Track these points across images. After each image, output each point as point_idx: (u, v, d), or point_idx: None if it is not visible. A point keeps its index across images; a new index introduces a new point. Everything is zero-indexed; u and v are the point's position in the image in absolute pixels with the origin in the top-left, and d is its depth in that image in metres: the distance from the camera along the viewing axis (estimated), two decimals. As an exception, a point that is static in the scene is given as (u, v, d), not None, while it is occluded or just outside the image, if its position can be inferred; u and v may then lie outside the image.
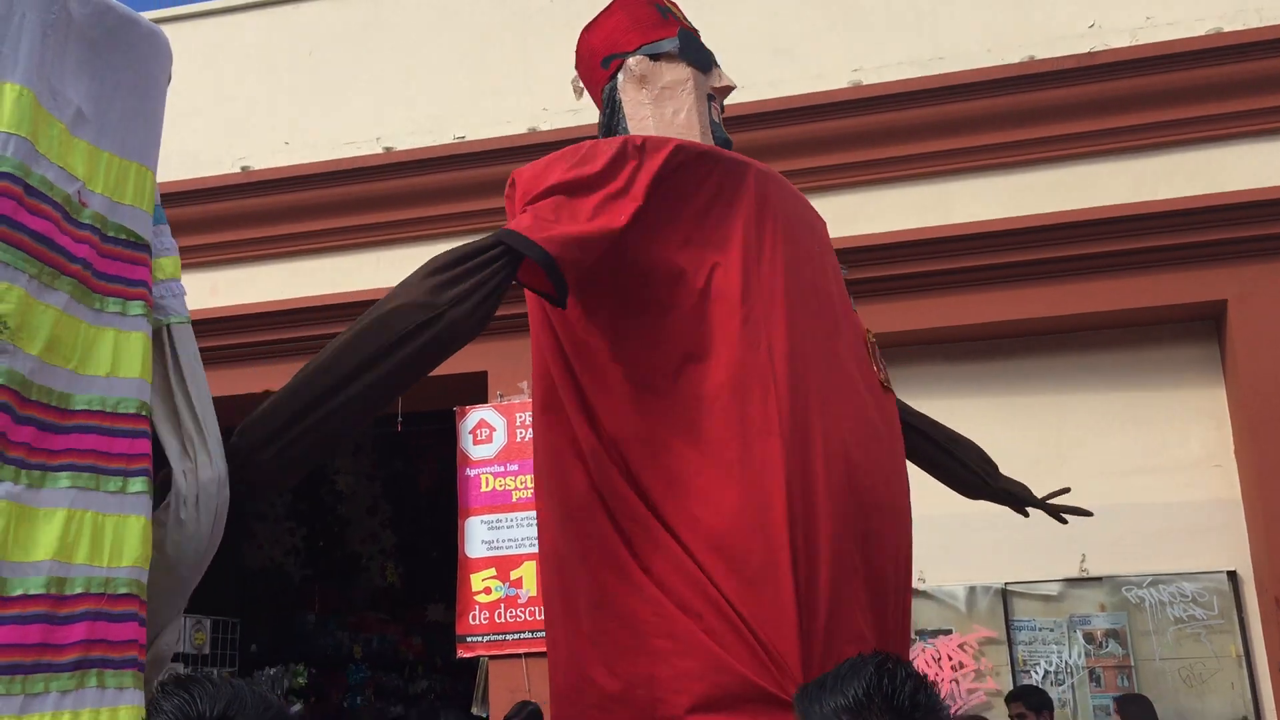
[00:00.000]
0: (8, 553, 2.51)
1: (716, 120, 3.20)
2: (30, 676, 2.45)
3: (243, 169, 8.40)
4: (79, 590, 2.59)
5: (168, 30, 8.66)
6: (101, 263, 2.84)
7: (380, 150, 8.23)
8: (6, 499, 2.50)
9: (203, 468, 3.17)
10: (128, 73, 3.08)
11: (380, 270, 8.07)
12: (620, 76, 3.14)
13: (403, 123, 8.26)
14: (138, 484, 2.76)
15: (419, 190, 8.03)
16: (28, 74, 2.73)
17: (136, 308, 2.91)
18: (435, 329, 2.54)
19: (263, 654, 10.72)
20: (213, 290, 8.22)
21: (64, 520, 2.63)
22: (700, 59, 3.21)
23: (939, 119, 7.34)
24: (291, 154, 8.33)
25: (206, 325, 8.00)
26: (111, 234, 2.90)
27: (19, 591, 2.48)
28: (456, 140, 8.07)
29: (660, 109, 3.07)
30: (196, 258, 8.31)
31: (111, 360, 2.83)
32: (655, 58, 3.12)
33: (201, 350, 8.16)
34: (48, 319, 2.64)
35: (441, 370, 8.25)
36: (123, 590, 2.70)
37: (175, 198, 8.19)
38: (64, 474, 2.67)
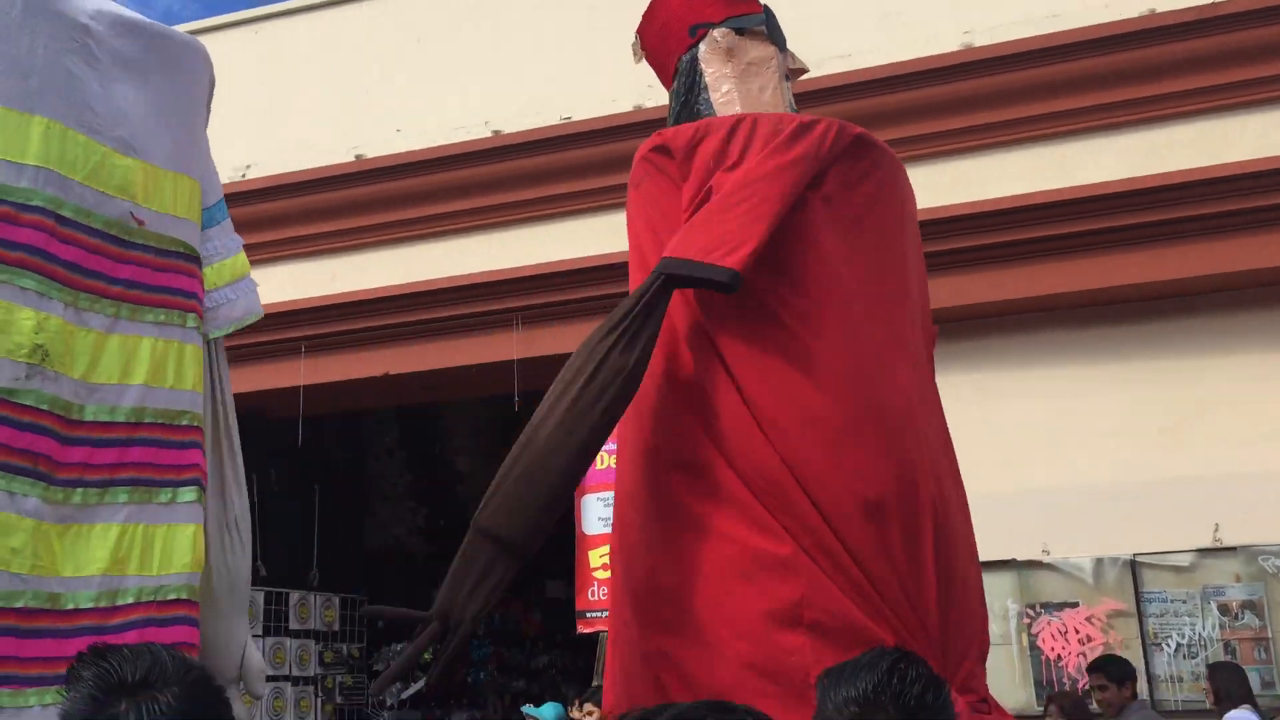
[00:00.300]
0: (57, 569, 2.69)
1: (792, 101, 3.20)
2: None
3: (356, 157, 8.57)
4: (130, 600, 2.79)
5: (279, 26, 8.94)
6: (157, 277, 3.00)
7: (489, 134, 8.32)
8: (59, 521, 2.70)
9: (242, 496, 3.29)
10: (171, 86, 3.18)
11: (492, 252, 8.17)
12: (703, 47, 3.14)
13: (510, 105, 8.33)
14: (188, 494, 2.95)
15: (528, 172, 8.10)
16: (55, 105, 2.84)
17: (192, 320, 3.09)
18: (628, 386, 2.66)
19: (389, 630, 11.00)
20: (332, 277, 8.42)
21: (118, 534, 2.80)
22: (780, 38, 3.22)
23: (1055, 79, 7.12)
24: (404, 140, 8.48)
25: (327, 311, 8.19)
26: (168, 248, 3.05)
27: (70, 606, 2.67)
28: (563, 120, 8.11)
29: (746, 84, 3.08)
30: (315, 246, 8.52)
31: (174, 372, 3.00)
32: (740, 32, 3.12)
33: (323, 336, 8.43)
34: (88, 343, 2.82)
35: (555, 349, 8.33)
36: (171, 596, 2.89)
37: (293, 188, 8.41)
38: (123, 489, 2.84)
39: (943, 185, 7.08)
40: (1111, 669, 5.88)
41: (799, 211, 2.77)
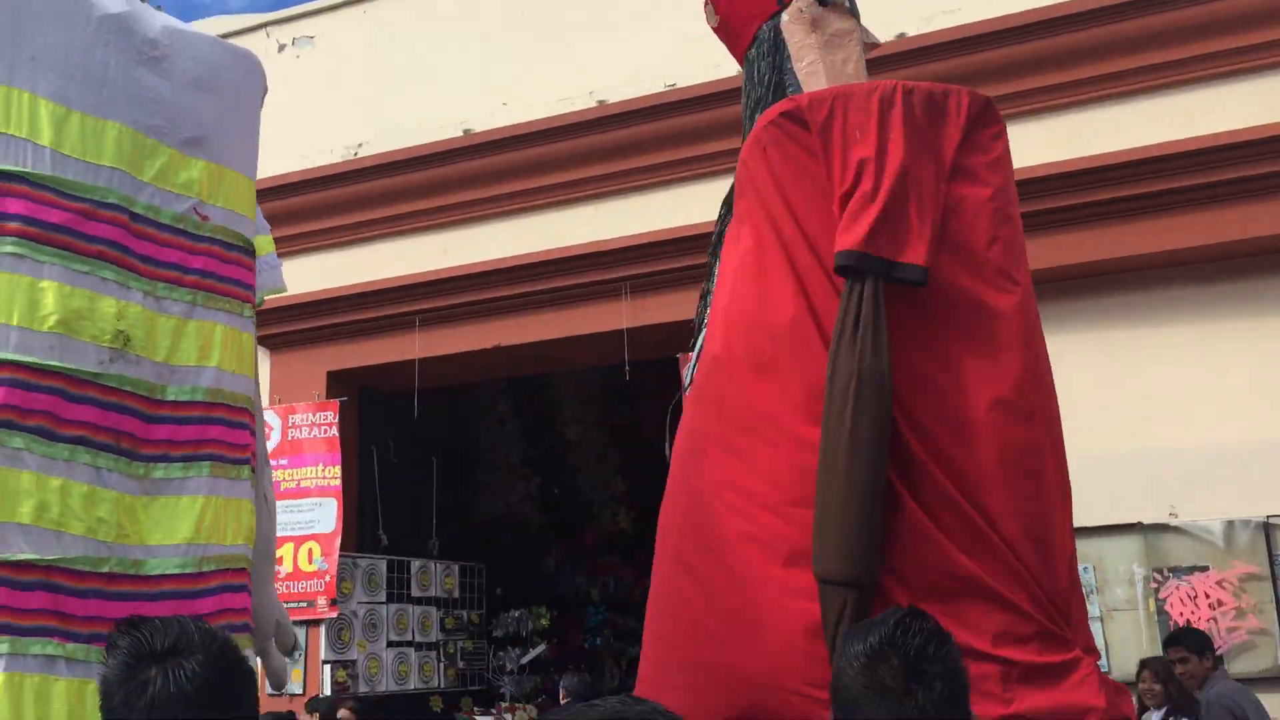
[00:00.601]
0: (142, 537, 2.93)
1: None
2: None
3: (464, 132, 8.66)
4: (213, 567, 3.04)
5: (385, 5, 9.04)
6: (225, 269, 3.29)
7: (594, 104, 8.33)
8: (142, 493, 2.96)
9: (269, 470, 3.61)
10: (232, 93, 3.48)
11: (600, 221, 8.20)
12: (786, 16, 3.19)
13: (613, 75, 8.32)
14: (246, 471, 3.23)
15: (633, 140, 8.09)
16: (127, 112, 3.12)
17: (249, 311, 3.37)
18: (884, 393, 2.64)
19: (507, 597, 11.19)
20: (443, 251, 8.55)
21: (203, 506, 3.06)
22: (858, 13, 3.26)
23: (1175, 25, 6.85)
24: (510, 114, 8.54)
25: (439, 285, 8.31)
26: (232, 242, 3.35)
27: (156, 572, 2.93)
28: (667, 88, 8.08)
29: (830, 55, 3.12)
30: (426, 221, 8.65)
31: (239, 358, 3.26)
32: (824, 4, 3.17)
33: (436, 310, 8.58)
34: (169, 328, 3.09)
35: (664, 318, 8.31)
36: (241, 565, 3.17)
37: (403, 165, 8.53)
38: (206, 463, 3.11)
39: (1059, 140, 6.88)
40: (1190, 641, 5.85)
41: (948, 185, 2.80)
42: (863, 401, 2.57)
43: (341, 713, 7.46)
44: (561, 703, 8.48)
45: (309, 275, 8.71)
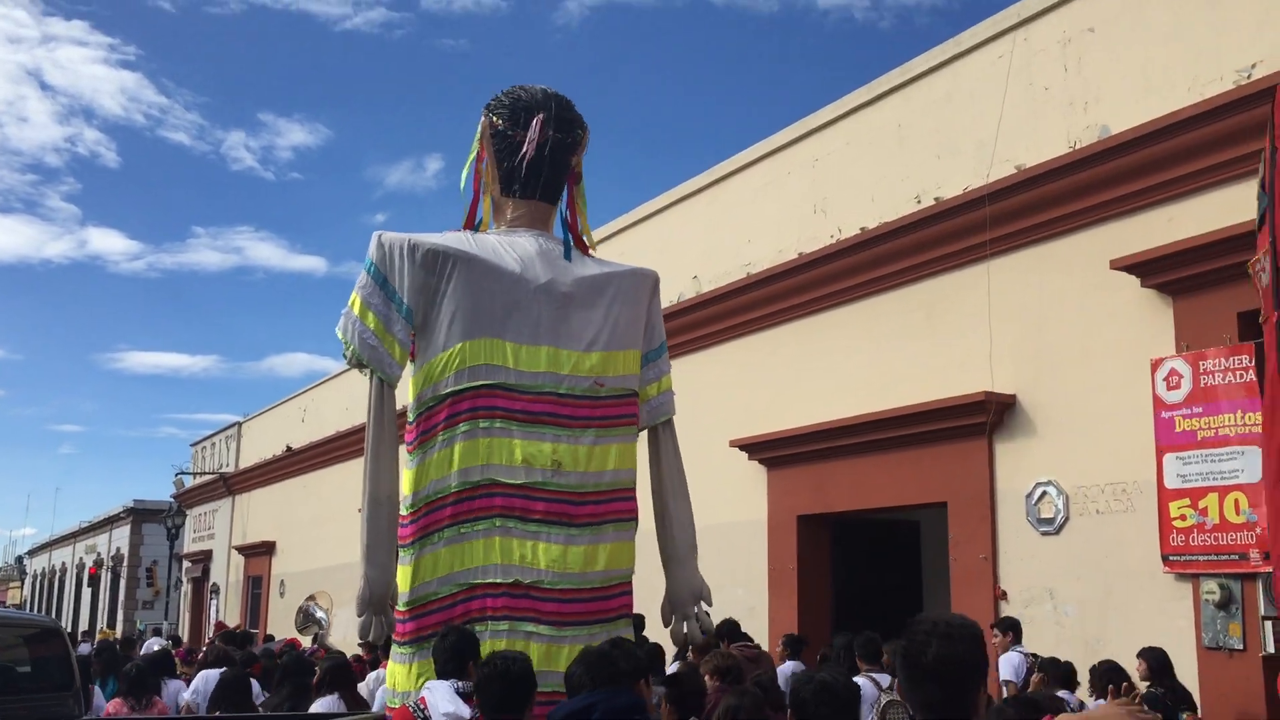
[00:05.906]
0: (582, 568, 5.21)
1: None
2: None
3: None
4: (616, 581, 5.38)
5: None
6: (617, 409, 5.48)
7: None
8: (577, 545, 5.23)
9: (685, 514, 5.86)
10: (622, 299, 5.54)
11: None
12: None
13: None
14: (633, 525, 5.45)
15: None
16: (550, 338, 5.29)
17: (633, 430, 5.56)
18: None
19: None
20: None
21: (610, 549, 5.32)
22: None
23: None
24: None
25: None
26: (621, 394, 5.47)
27: (589, 586, 5.24)
28: None
29: None
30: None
31: (628, 459, 5.49)
32: None
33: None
34: (583, 453, 5.33)
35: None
36: (628, 578, 5.36)
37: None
38: (610, 524, 5.37)
39: None
40: None
41: None
42: None
43: None
44: None
45: (1206, 213, 8.28)
